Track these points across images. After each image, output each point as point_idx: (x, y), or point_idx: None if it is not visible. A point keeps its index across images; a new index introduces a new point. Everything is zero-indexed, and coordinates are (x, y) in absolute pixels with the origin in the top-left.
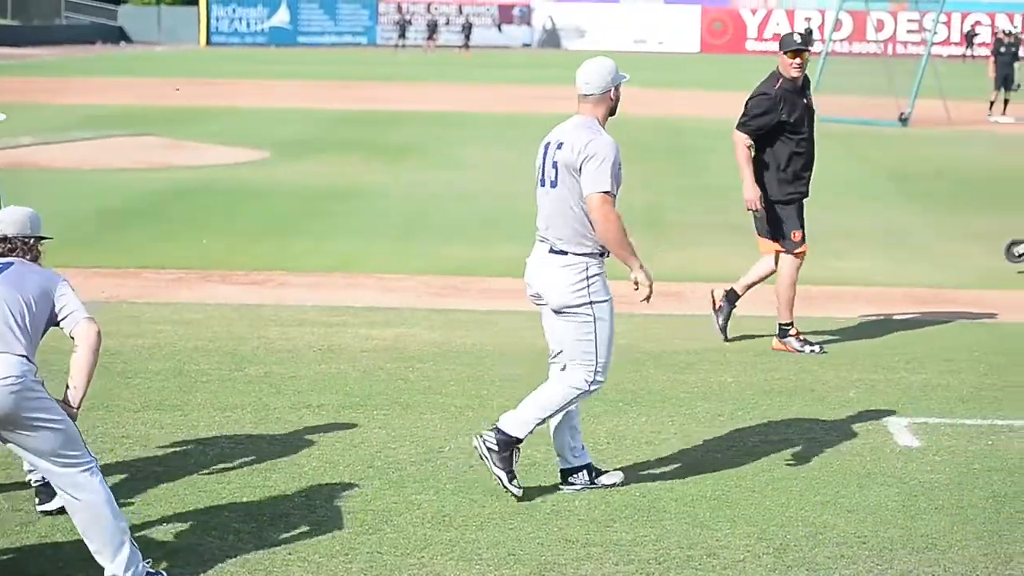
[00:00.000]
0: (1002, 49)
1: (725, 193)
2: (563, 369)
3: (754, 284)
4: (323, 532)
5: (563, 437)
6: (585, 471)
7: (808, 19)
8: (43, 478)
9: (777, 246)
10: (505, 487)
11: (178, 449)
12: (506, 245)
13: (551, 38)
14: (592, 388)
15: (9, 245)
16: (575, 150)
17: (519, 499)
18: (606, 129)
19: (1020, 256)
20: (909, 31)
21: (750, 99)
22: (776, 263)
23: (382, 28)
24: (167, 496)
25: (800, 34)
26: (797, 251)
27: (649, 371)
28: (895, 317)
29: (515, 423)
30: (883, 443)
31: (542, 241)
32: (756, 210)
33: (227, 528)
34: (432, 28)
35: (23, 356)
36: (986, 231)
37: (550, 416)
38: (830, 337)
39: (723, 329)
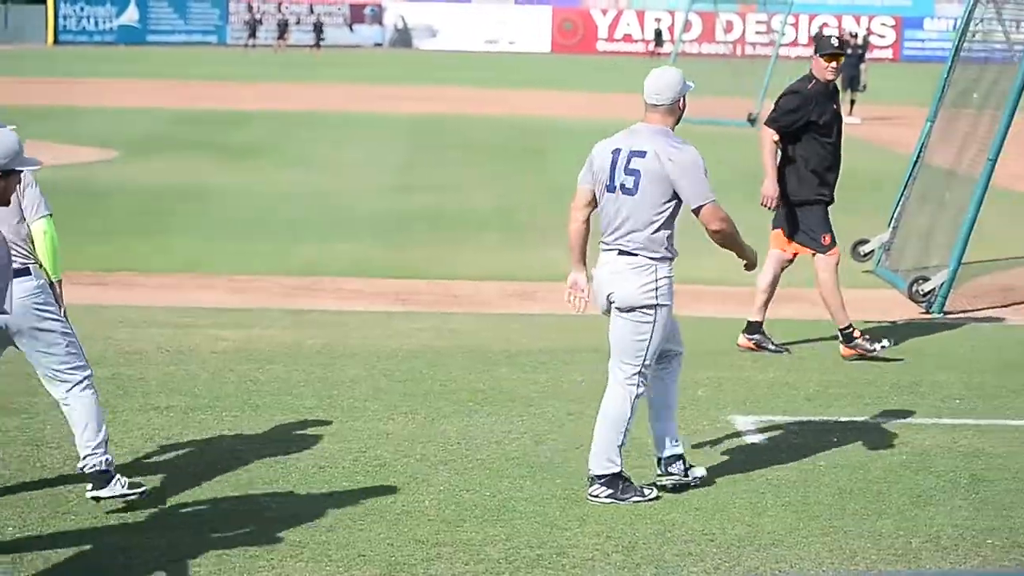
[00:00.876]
0: (848, 51)
1: (573, 192)
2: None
3: (767, 301)
4: (167, 535)
5: (663, 424)
6: (681, 460)
7: (658, 20)
8: (97, 464)
9: (786, 242)
10: (649, 499)
11: (24, 453)
12: (354, 245)
13: (402, 38)
14: (640, 390)
15: None
16: (662, 160)
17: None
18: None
19: (866, 255)
20: (758, 32)
21: (782, 96)
22: (772, 264)
23: (232, 27)
24: (12, 502)
25: (837, 38)
26: (830, 253)
27: (500, 370)
28: (739, 316)
29: (602, 461)
30: (730, 441)
31: (609, 248)
32: (771, 207)
33: (66, 531)
34: (283, 27)
35: None
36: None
37: (626, 432)
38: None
39: (777, 348)
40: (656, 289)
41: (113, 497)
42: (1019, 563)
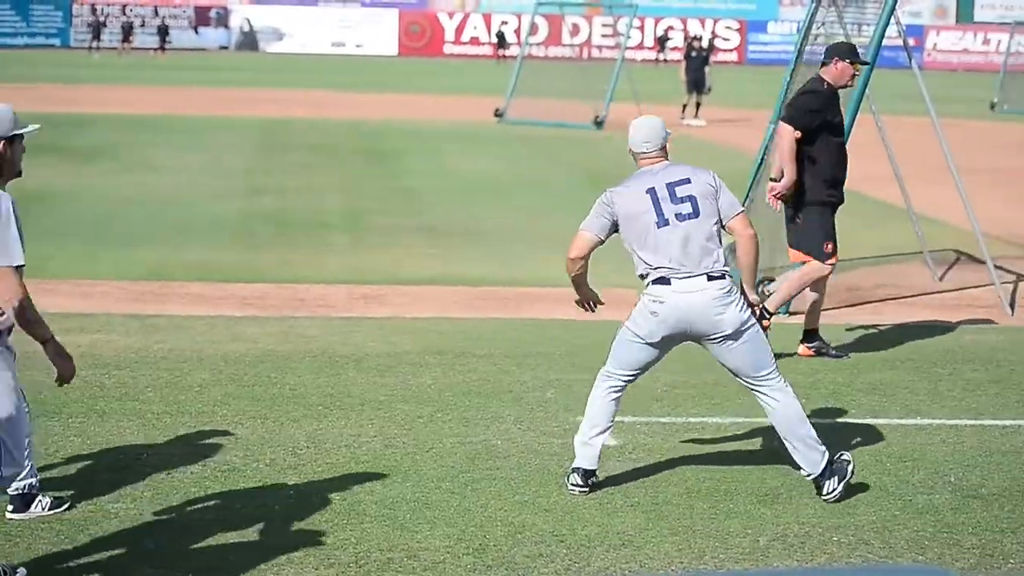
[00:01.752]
0: (693, 53)
1: (422, 195)
2: (767, 388)
3: (818, 304)
4: (13, 544)
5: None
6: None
7: (504, 23)
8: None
9: (803, 256)
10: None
11: None
12: (200, 249)
13: (248, 40)
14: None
15: None
16: (707, 181)
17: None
18: None
19: None
20: (604, 35)
21: (801, 95)
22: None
23: (76, 30)
24: None
25: (857, 46)
26: (828, 262)
27: (349, 374)
28: (595, 318)
29: (809, 460)
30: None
31: (692, 275)
32: (784, 202)
33: None
34: (127, 30)
35: None
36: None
37: (810, 431)
38: (531, 341)
39: (837, 355)
40: (744, 302)
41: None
42: (864, 559)
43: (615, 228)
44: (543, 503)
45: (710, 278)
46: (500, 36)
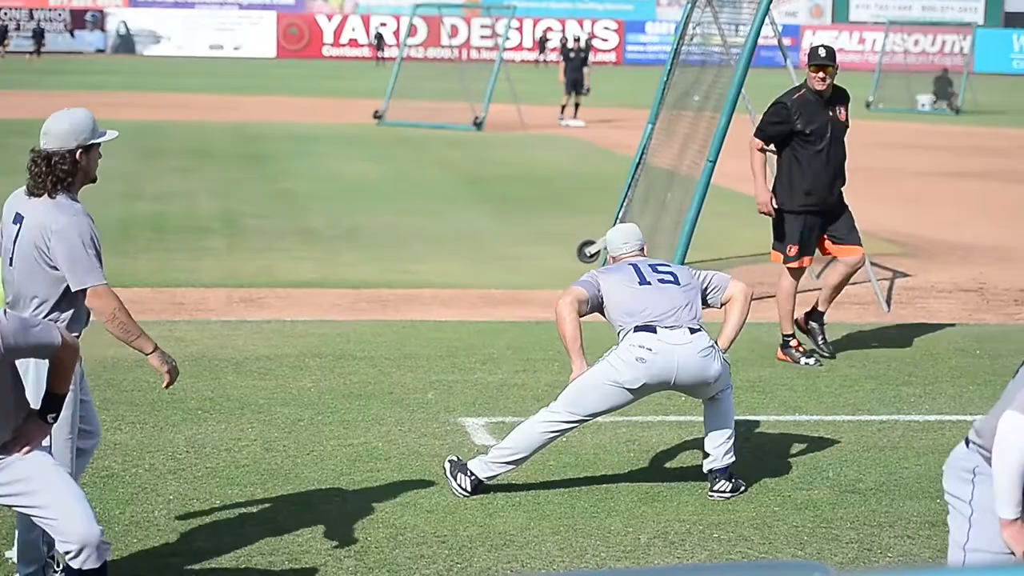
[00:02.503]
0: (572, 54)
1: (301, 198)
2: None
3: (835, 291)
4: None
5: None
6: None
7: (383, 24)
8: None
9: (778, 256)
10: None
11: None
12: None
13: (125, 44)
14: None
15: None
16: (688, 271)
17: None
18: None
19: (592, 256)
20: (483, 36)
21: (769, 107)
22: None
23: None
24: None
25: (825, 47)
26: (790, 265)
27: (228, 378)
28: (472, 319)
29: (720, 452)
30: (461, 443)
31: (671, 328)
32: (768, 213)
33: None
34: (2, 33)
35: None
36: (559, 232)
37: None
38: (411, 343)
39: (823, 345)
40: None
41: None
42: (744, 556)
43: (600, 303)
44: (424, 504)
45: (692, 331)
46: (379, 37)
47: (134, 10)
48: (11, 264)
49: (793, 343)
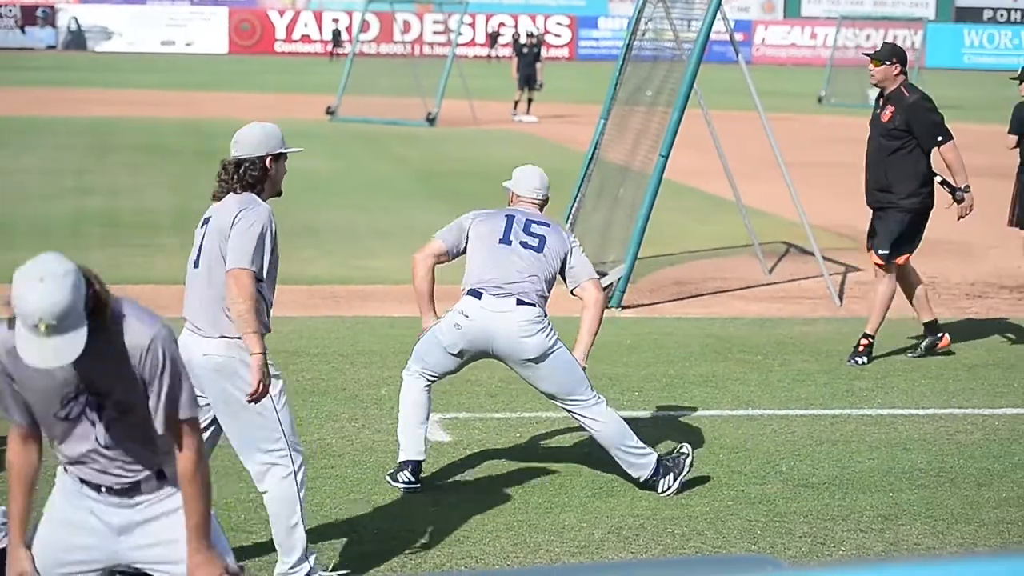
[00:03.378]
0: (525, 50)
1: None
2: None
3: (918, 297)
4: None
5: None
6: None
7: (336, 20)
8: None
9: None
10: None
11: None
12: (25, 252)
13: (76, 40)
14: (602, 399)
15: None
16: (564, 239)
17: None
18: None
19: None
20: (435, 32)
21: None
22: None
23: None
24: None
25: (887, 45)
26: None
27: None
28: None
29: (637, 467)
30: None
31: (497, 295)
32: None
33: None
34: None
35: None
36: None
37: (634, 441)
38: (364, 339)
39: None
40: (553, 333)
41: None
42: (698, 550)
43: (463, 251)
44: (378, 501)
45: (520, 302)
46: (336, 33)
47: (85, 6)
48: (196, 266)
49: (944, 341)
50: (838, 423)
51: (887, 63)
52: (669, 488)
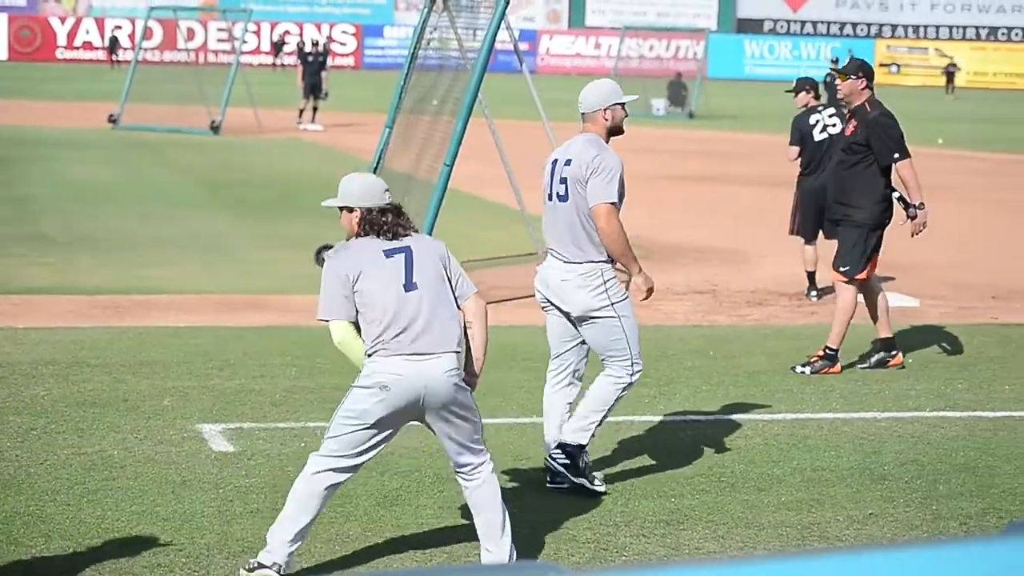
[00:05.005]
0: (310, 58)
1: (34, 204)
2: (603, 368)
3: (880, 310)
4: None
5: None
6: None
7: (119, 27)
8: None
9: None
10: (592, 489)
11: None
12: None
13: None
14: (634, 378)
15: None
16: (582, 165)
17: (605, 493)
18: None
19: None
20: (220, 40)
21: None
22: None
23: None
24: None
25: (854, 60)
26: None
27: None
28: (209, 324)
29: (576, 432)
30: (198, 450)
31: (555, 255)
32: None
33: None
34: None
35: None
36: (297, 236)
37: (607, 414)
38: (146, 349)
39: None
40: (607, 290)
41: None
42: (474, 560)
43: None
44: (161, 512)
45: (566, 262)
46: (113, 40)
47: None
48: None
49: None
50: (621, 429)
51: (853, 78)
52: (558, 462)
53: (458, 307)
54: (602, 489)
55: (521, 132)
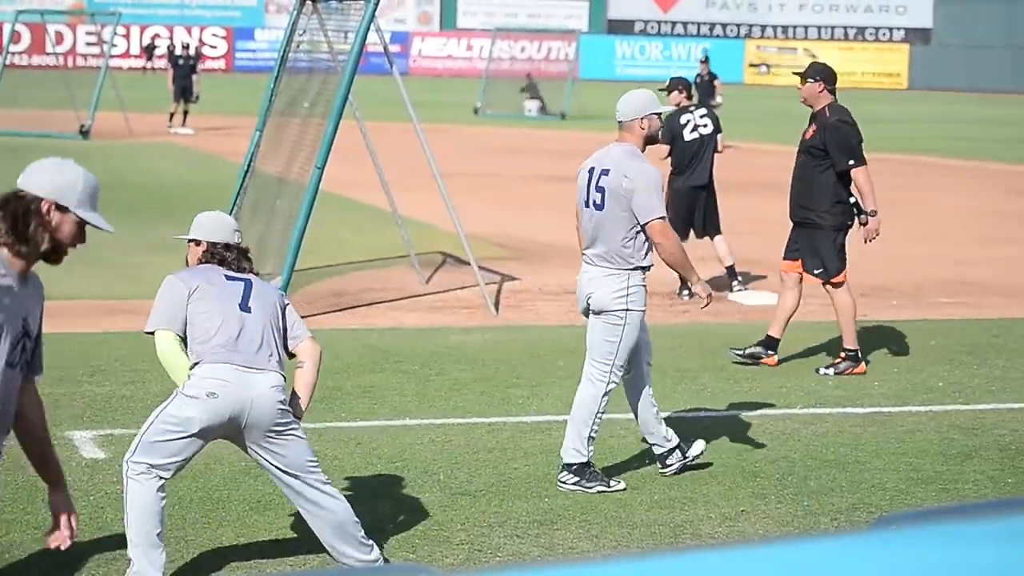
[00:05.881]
0: (180, 62)
1: None
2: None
3: (784, 310)
4: None
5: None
6: (678, 450)
7: None
8: None
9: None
10: (613, 491)
11: None
12: None
13: None
14: (610, 387)
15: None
16: (622, 178)
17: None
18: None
19: None
20: (89, 43)
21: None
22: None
23: None
24: None
25: (814, 64)
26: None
27: None
28: (80, 330)
29: (574, 451)
30: (69, 457)
31: (588, 261)
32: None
33: None
34: None
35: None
36: (168, 241)
37: (596, 424)
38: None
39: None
40: (628, 296)
41: None
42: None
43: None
44: (32, 520)
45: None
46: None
47: None
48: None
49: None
50: (495, 431)
51: (811, 81)
52: (567, 484)
53: (288, 351)
54: (621, 487)
55: (393, 134)
